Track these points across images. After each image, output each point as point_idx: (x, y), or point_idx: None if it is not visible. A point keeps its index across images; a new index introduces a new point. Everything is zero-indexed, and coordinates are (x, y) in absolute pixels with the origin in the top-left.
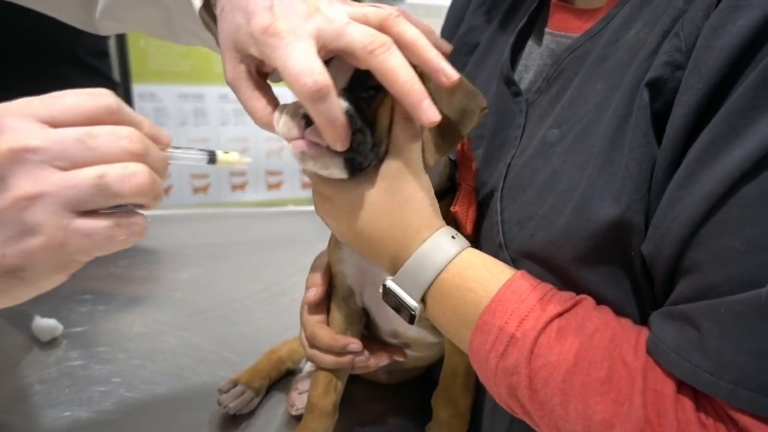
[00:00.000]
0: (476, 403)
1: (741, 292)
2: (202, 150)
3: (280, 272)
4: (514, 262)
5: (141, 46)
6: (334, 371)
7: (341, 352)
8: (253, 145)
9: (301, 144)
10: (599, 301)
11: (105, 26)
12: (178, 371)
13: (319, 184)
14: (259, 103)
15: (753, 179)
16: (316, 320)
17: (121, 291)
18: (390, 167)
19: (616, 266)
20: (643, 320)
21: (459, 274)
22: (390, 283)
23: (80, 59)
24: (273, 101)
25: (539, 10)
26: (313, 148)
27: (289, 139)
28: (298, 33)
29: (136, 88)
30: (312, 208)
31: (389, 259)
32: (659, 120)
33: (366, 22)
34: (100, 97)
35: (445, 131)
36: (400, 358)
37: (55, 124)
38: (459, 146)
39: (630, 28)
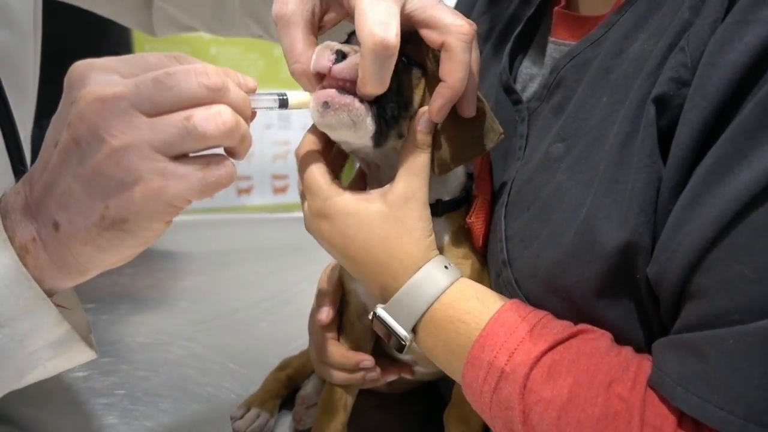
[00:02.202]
0: None
1: (750, 321)
2: (272, 93)
3: (285, 280)
4: (517, 282)
5: (147, 50)
6: (344, 387)
7: (353, 368)
8: (258, 148)
9: (328, 93)
10: (603, 324)
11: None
12: (182, 383)
13: (318, 200)
14: (306, 49)
15: (762, 204)
16: (327, 337)
17: (125, 300)
18: (397, 194)
19: (621, 289)
20: (648, 344)
21: (451, 306)
22: (381, 312)
23: None
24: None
25: (540, 17)
26: (339, 98)
27: (315, 71)
28: None
29: None
30: None
31: (379, 286)
32: (664, 138)
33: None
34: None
35: (467, 143)
36: (408, 376)
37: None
38: (479, 159)
39: (635, 38)
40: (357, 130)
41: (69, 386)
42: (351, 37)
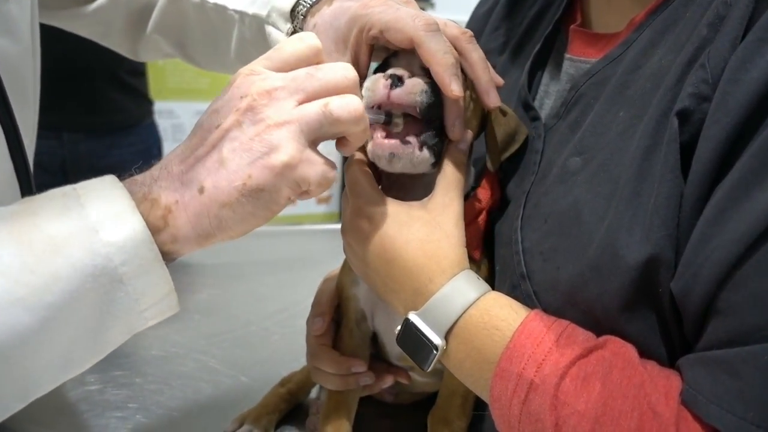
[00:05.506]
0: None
1: None
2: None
3: (297, 293)
4: (536, 295)
5: (159, 64)
6: (343, 396)
7: (346, 373)
8: None
9: (394, 146)
10: (624, 338)
11: (147, 53)
12: (195, 396)
13: (362, 200)
14: None
15: None
16: (320, 343)
17: None
18: (436, 202)
19: (643, 303)
20: (670, 359)
21: (487, 311)
22: (414, 318)
23: (120, 79)
24: None
25: (555, 34)
26: (402, 149)
27: (373, 104)
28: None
29: (155, 105)
30: (328, 226)
31: (412, 292)
32: (684, 152)
33: (444, 32)
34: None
35: (506, 138)
36: (405, 381)
37: (283, 70)
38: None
39: (652, 54)
40: (417, 166)
41: (83, 399)
42: (390, 60)
